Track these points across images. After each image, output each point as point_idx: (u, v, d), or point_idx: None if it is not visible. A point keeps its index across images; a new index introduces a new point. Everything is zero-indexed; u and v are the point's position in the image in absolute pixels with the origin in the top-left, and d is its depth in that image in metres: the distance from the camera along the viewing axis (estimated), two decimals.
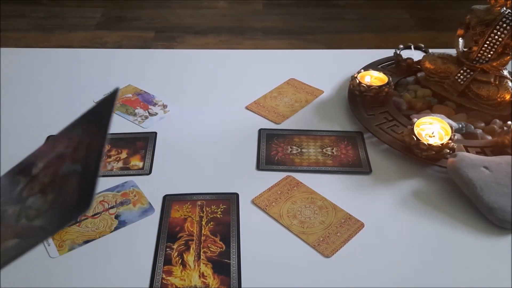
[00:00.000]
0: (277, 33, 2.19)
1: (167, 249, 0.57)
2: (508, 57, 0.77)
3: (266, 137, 0.75)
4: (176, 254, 0.57)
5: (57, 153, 0.49)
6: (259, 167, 0.70)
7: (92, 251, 0.57)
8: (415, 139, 0.68)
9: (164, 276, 0.54)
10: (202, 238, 0.59)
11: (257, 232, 0.60)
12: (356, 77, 0.81)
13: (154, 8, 2.39)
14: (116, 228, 0.60)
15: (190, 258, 0.56)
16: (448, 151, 0.67)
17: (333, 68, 0.94)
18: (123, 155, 0.72)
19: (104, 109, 0.48)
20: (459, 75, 0.80)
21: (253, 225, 0.61)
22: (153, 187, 0.66)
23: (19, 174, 0.52)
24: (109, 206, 0.63)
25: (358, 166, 0.70)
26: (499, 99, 0.77)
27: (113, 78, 0.90)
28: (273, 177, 0.68)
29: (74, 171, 0.44)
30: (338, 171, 0.69)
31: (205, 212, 0.62)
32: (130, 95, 0.85)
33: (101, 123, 0.46)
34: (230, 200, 0.64)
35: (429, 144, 0.67)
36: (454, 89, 0.80)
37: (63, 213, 0.41)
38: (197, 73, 0.92)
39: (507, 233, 0.60)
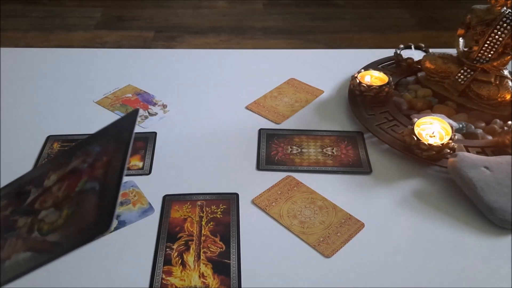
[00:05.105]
0: (277, 33, 2.19)
1: (167, 249, 0.57)
2: (509, 57, 0.77)
3: (266, 137, 0.75)
4: (176, 254, 0.57)
5: (72, 167, 0.48)
6: (259, 167, 0.70)
7: (92, 251, 0.57)
8: (416, 139, 0.68)
9: (164, 276, 0.54)
10: (202, 238, 0.59)
11: (257, 232, 0.60)
12: (356, 77, 0.81)
13: (154, 8, 2.39)
14: (116, 228, 0.60)
15: (190, 258, 0.56)
16: (449, 151, 0.67)
17: (333, 68, 0.94)
18: None
19: (124, 127, 0.47)
20: (459, 75, 0.80)
21: (253, 225, 0.61)
22: (153, 187, 0.66)
23: (29, 183, 0.51)
24: None
25: (358, 166, 0.70)
26: (499, 99, 0.76)
27: (113, 78, 0.90)
28: (273, 177, 0.68)
29: (92, 188, 0.43)
30: (338, 171, 0.69)
31: (205, 212, 0.62)
32: (130, 95, 0.85)
33: (121, 142, 0.45)
34: (230, 200, 0.64)
35: (429, 144, 0.67)
36: (454, 89, 0.80)
37: (80, 231, 0.40)
38: (197, 73, 0.92)
39: (507, 233, 0.60)
